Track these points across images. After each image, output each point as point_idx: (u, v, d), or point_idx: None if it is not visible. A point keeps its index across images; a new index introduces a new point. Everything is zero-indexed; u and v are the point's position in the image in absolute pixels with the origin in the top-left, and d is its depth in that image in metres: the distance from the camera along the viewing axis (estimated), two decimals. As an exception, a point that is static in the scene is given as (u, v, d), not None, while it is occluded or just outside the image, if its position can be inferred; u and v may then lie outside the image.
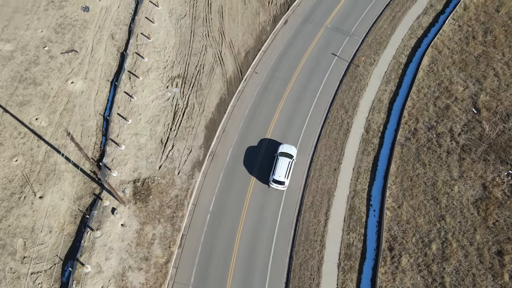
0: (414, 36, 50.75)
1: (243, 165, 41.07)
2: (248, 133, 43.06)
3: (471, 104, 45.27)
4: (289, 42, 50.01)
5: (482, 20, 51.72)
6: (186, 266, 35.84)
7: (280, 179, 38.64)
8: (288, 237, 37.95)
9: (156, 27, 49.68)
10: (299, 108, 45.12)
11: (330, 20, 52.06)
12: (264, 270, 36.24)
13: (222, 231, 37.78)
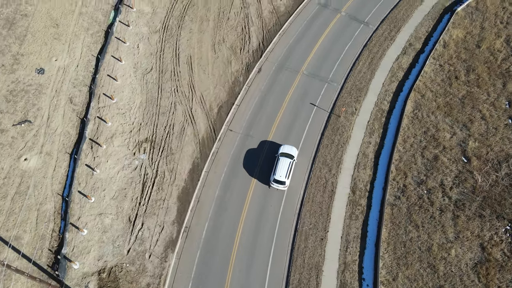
0: (395, 79, 47.69)
1: (220, 241, 36.78)
2: (225, 203, 38.84)
3: (460, 153, 42.18)
4: (264, 93, 46.24)
5: (464, 58, 49.07)
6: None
7: (281, 179, 38.57)
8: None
9: (120, 85, 45.30)
10: (279, 168, 41.28)
11: (306, 65, 48.61)
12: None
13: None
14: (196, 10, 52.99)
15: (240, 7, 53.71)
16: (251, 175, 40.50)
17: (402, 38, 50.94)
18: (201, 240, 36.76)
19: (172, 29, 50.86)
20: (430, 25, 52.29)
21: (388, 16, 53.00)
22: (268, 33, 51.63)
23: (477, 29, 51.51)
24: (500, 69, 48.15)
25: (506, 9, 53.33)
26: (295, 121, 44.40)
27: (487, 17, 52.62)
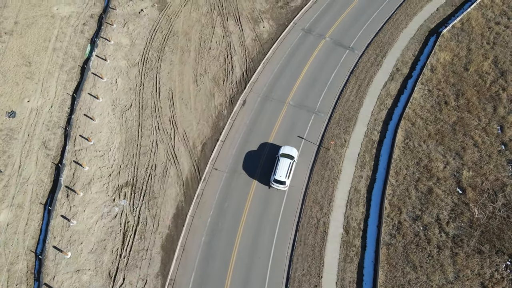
0: (384, 107, 45.97)
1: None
2: (212, 250, 36.29)
3: (455, 184, 40.41)
4: (249, 128, 44.09)
5: (452, 82, 47.66)
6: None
7: (281, 179, 38.67)
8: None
9: (97, 125, 42.73)
10: (269, 212, 38.79)
11: (292, 96, 46.66)
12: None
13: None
14: (176, 40, 50.86)
15: (222, 35, 51.73)
16: (238, 219, 38.12)
17: (389, 63, 49.38)
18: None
19: (152, 62, 48.58)
20: (416, 49, 50.91)
21: (374, 40, 51.48)
22: (252, 62, 49.64)
23: (464, 51, 50.25)
24: (490, 92, 46.81)
25: (492, 29, 52.29)
26: (283, 156, 42.32)
27: (473, 38, 51.47)
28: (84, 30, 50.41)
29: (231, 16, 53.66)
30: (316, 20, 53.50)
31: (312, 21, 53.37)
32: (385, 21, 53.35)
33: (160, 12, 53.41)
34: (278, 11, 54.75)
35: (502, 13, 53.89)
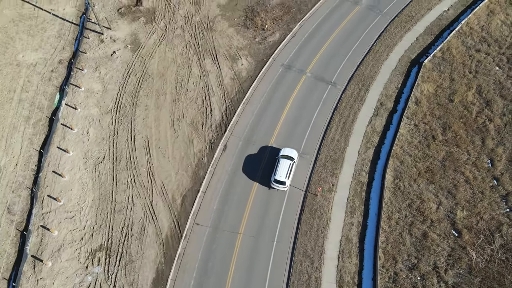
0: (370, 145, 43.92)
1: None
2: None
3: (450, 226, 38.28)
4: (231, 176, 41.35)
5: (438, 115, 46.09)
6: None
7: (281, 179, 39.05)
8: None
9: (68, 182, 39.41)
10: (255, 269, 35.68)
11: (275, 137, 44.25)
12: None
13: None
14: (151, 83, 48.24)
15: (199, 75, 49.34)
16: (224, 279, 34.99)
17: (372, 97, 47.63)
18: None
19: (126, 108, 45.74)
20: (399, 81, 49.39)
21: (356, 73, 49.78)
22: (231, 102, 47.26)
23: (447, 82, 48.95)
24: (476, 123, 45.34)
25: (473, 57, 51.29)
26: (268, 206, 39.49)
27: (455, 67, 50.31)
28: (52, 78, 47.37)
29: (208, 54, 51.45)
30: (296, 54, 51.70)
31: (292, 56, 51.52)
32: (366, 53, 51.84)
33: (134, 54, 50.85)
34: (256, 47, 52.80)
35: (482, 40, 53.08)
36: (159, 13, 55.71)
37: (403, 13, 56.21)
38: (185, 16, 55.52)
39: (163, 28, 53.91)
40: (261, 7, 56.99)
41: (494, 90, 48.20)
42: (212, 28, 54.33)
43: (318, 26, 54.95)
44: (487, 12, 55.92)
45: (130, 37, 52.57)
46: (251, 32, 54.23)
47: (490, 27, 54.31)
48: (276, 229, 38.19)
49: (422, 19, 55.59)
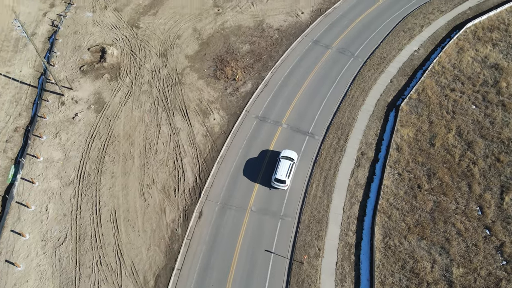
0: (355, 200, 41.19)
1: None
2: None
3: (447, 287, 35.41)
4: (209, 246, 37.40)
5: (421, 161, 44.08)
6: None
7: (282, 178, 40.25)
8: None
9: (23, 272, 34.59)
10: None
11: (253, 200, 40.89)
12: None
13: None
14: (117, 146, 44.54)
15: (169, 134, 46.06)
16: None
17: (352, 147, 45.34)
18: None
19: (90, 177, 41.69)
20: (378, 127, 47.47)
21: (333, 122, 47.61)
22: (205, 162, 43.95)
23: (426, 125, 47.34)
24: (461, 168, 43.48)
25: (449, 96, 50.20)
26: (251, 280, 35.69)
27: (432, 108, 48.93)
28: (6, 149, 43.07)
29: (178, 110, 48.40)
30: (270, 105, 49.29)
31: (266, 107, 49.07)
32: (341, 99, 49.97)
33: (98, 115, 47.27)
34: (228, 99, 50.19)
35: (455, 78, 52.26)
36: (124, 68, 52.70)
37: (375, 54, 55.16)
38: (152, 70, 52.68)
39: (129, 85, 50.77)
40: (231, 56, 54.89)
41: (474, 130, 46.82)
42: (181, 82, 51.59)
43: (290, 72, 53.08)
44: (457, 50, 55.57)
45: (94, 97, 49.11)
46: (222, 83, 51.75)
47: (461, 65, 53.73)
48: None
49: (394, 60, 54.61)
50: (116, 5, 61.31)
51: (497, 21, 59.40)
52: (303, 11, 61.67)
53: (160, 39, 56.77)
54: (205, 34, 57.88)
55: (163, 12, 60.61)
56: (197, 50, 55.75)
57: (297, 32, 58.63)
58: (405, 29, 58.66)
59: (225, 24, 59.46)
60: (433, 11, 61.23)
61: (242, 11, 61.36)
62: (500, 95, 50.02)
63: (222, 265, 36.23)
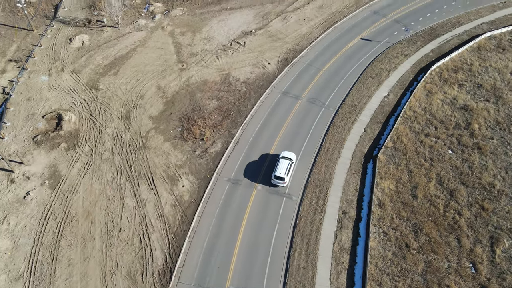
0: (341, 268, 37.45)
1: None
2: None
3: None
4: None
5: (406, 216, 41.52)
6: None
7: (281, 175, 42.42)
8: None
9: None
10: None
11: (230, 277, 36.66)
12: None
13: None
14: (75, 227, 39.68)
15: (134, 207, 41.69)
16: None
17: (332, 206, 42.38)
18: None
19: (43, 267, 36.36)
20: (357, 181, 44.99)
21: (310, 179, 44.74)
22: (175, 237, 39.59)
23: (405, 175, 45.33)
24: (447, 220, 41.16)
25: (424, 142, 48.79)
26: None
27: (409, 156, 47.21)
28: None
29: (143, 179, 44.36)
30: (242, 165, 46.06)
31: (238, 168, 45.79)
32: (316, 153, 47.53)
33: (53, 191, 42.54)
34: (197, 161, 46.72)
35: (428, 122, 51.22)
36: (83, 135, 48.63)
37: (346, 103, 53.76)
38: (114, 135, 48.85)
39: (88, 153, 46.57)
40: (198, 114, 51.99)
41: (454, 177, 45.09)
42: (146, 146, 47.89)
43: (261, 127, 50.52)
44: (426, 93, 55.10)
45: (49, 170, 44.49)
46: (189, 145, 48.40)
47: (432, 108, 53.01)
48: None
49: (365, 107, 53.30)
50: (74, 67, 57.97)
51: (460, 62, 59.99)
52: (269, 61, 60.34)
53: (122, 100, 53.41)
54: (169, 92, 55.06)
55: (124, 71, 57.65)
56: (162, 109, 52.62)
57: (265, 83, 56.85)
58: (373, 74, 58.08)
59: (190, 79, 57.02)
60: (397, 55, 61.35)
61: (207, 65, 59.33)
62: (474, 137, 49.11)
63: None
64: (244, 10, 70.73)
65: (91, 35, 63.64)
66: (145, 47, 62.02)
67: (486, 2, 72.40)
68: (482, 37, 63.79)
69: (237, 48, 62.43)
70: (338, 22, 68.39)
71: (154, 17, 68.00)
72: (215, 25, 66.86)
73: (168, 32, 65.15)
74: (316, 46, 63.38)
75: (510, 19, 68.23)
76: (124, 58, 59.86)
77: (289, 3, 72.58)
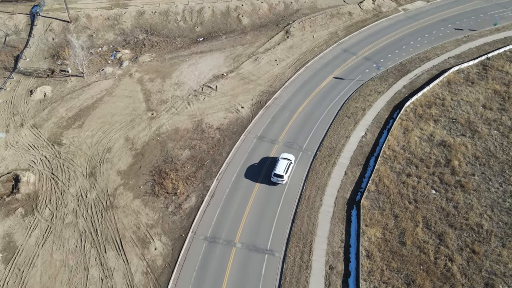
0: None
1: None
2: None
3: None
4: None
5: (396, 267, 38.81)
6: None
7: (280, 173, 45.70)
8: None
9: None
10: None
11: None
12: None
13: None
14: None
15: (100, 278, 37.08)
16: None
17: (318, 260, 39.16)
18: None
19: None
20: (342, 231, 42.24)
21: (292, 232, 41.62)
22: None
23: (391, 220, 43.08)
24: (439, 268, 38.68)
25: (407, 183, 47.05)
26: None
27: (393, 200, 45.20)
28: None
29: (111, 243, 40.14)
30: (219, 221, 42.59)
31: (214, 225, 42.22)
32: (297, 202, 44.81)
33: (7, 266, 37.59)
34: (170, 219, 43.01)
35: (408, 161, 49.86)
36: (43, 198, 44.31)
37: (324, 145, 51.96)
38: (78, 195, 44.77)
39: (48, 218, 42.16)
40: (169, 166, 48.77)
41: (441, 219, 43.18)
42: (113, 205, 43.97)
43: (238, 177, 47.64)
44: (403, 131, 54.21)
45: (2, 241, 39.67)
46: (161, 201, 44.82)
47: (410, 146, 51.91)
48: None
49: (344, 149, 51.61)
50: (35, 121, 54.17)
51: (433, 97, 60.05)
52: (242, 105, 58.51)
53: (87, 155, 49.69)
54: (139, 143, 51.84)
55: (90, 123, 54.24)
56: (131, 163, 49.16)
57: (240, 129, 54.63)
58: (348, 114, 57.03)
59: (160, 128, 54.14)
60: (371, 93, 60.92)
61: (178, 112, 56.80)
62: (456, 175, 47.92)
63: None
64: (215, 53, 69.63)
65: (54, 86, 60.39)
66: (112, 96, 59.17)
67: (450, 36, 74.50)
68: (451, 71, 64.65)
69: (209, 92, 60.51)
70: (310, 62, 68.21)
71: (122, 64, 65.72)
72: (186, 70, 65.10)
73: (137, 79, 62.76)
74: (289, 87, 62.39)
75: (474, 52, 69.96)
76: (89, 108, 56.62)
77: (260, 45, 72.21)
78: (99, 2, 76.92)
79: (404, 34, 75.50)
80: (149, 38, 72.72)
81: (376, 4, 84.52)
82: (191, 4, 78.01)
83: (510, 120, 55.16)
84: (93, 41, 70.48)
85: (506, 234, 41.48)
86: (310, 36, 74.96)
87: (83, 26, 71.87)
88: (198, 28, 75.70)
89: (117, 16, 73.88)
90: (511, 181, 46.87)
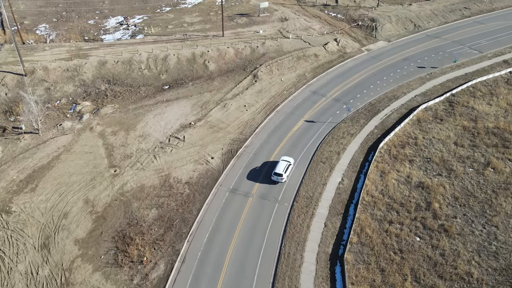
0: None
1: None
2: None
3: None
4: None
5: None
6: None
7: (280, 172, 49.54)
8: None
9: None
10: None
11: None
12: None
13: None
14: None
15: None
16: None
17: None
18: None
19: None
20: None
21: None
22: None
23: (378, 276, 40.01)
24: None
25: (390, 232, 44.64)
26: None
27: (377, 251, 42.37)
28: None
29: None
30: (195, 280, 38.40)
31: None
32: (277, 261, 40.86)
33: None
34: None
35: (388, 207, 47.73)
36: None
37: (300, 195, 49.19)
38: (27, 273, 39.11)
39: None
40: (134, 229, 44.18)
41: (429, 270, 40.56)
42: (69, 282, 38.53)
43: (211, 237, 43.63)
44: (379, 174, 52.54)
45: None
46: (125, 272, 39.84)
47: (389, 190, 50.02)
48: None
49: (321, 198, 48.96)
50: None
51: (405, 136, 59.46)
52: (212, 155, 55.41)
53: (39, 223, 44.39)
54: (100, 205, 47.14)
55: (44, 186, 49.22)
56: (91, 229, 44.23)
57: (210, 182, 51.17)
58: (323, 159, 55.06)
59: (124, 187, 49.80)
60: (344, 135, 59.63)
61: (143, 167, 52.86)
62: (438, 218, 46.06)
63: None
64: (181, 101, 67.13)
65: (5, 145, 55.31)
66: (70, 153, 54.66)
67: (414, 74, 75.92)
68: (419, 109, 64.94)
69: (176, 144, 57.21)
70: (280, 105, 66.88)
71: (82, 118, 61.74)
72: (151, 120, 61.88)
73: (98, 133, 58.76)
74: (260, 133, 60.22)
75: (439, 89, 71.21)
76: (44, 169, 51.71)
77: (228, 90, 70.54)
78: (57, 53, 73.74)
79: (370, 74, 76.33)
80: (111, 89, 69.54)
81: (341, 45, 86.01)
82: (156, 52, 76.21)
83: (483, 157, 54.92)
84: (51, 94, 66.49)
85: (497, 282, 39.22)
86: (278, 79, 74.32)
87: (40, 79, 67.96)
88: (164, 76, 73.50)
89: (77, 67, 70.62)
90: (493, 221, 45.49)
